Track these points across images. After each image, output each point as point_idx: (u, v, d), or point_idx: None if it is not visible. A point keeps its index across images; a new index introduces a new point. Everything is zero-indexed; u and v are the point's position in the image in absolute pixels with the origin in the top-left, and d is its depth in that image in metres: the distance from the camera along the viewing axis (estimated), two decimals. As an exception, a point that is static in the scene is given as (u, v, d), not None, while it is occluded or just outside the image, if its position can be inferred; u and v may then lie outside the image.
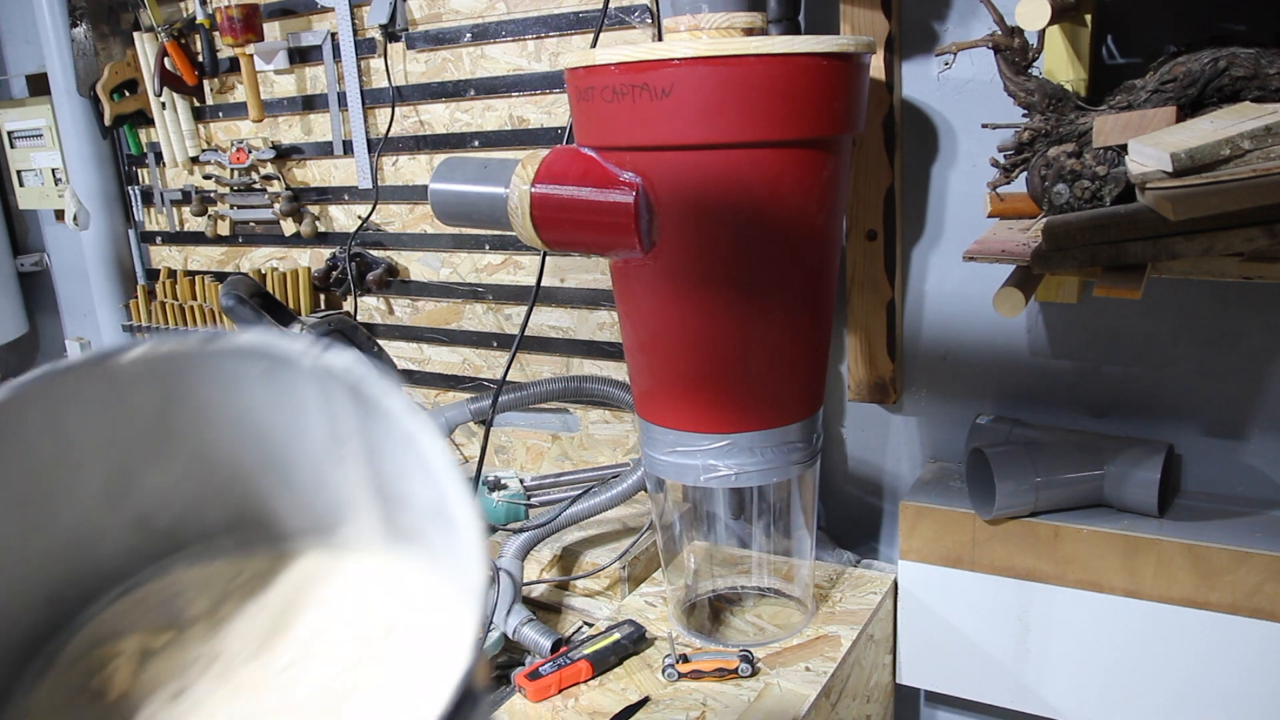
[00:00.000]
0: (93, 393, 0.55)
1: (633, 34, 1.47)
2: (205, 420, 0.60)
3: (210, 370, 0.58)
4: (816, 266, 1.15)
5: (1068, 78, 1.12)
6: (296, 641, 0.56)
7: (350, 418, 0.57)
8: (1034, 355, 1.34)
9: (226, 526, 0.62)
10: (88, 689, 0.54)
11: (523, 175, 1.13)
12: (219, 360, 0.58)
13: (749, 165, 1.05)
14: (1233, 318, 1.21)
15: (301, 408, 0.59)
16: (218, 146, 2.05)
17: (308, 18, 1.83)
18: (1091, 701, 1.27)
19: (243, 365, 0.59)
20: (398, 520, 0.58)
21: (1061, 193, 0.99)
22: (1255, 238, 0.86)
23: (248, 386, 0.59)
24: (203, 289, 2.16)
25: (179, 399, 0.59)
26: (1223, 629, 1.15)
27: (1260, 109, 0.91)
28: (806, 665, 1.24)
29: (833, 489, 1.55)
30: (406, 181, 1.81)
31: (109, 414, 0.57)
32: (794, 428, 1.19)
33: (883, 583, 1.41)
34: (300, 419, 0.59)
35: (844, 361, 1.46)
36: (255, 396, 0.59)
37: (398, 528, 0.58)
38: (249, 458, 0.61)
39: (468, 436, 1.89)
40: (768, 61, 1.00)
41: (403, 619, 0.56)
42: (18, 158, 2.36)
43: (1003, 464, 1.23)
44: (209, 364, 0.58)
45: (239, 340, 0.58)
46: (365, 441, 0.58)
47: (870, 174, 1.34)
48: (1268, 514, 1.20)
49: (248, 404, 0.59)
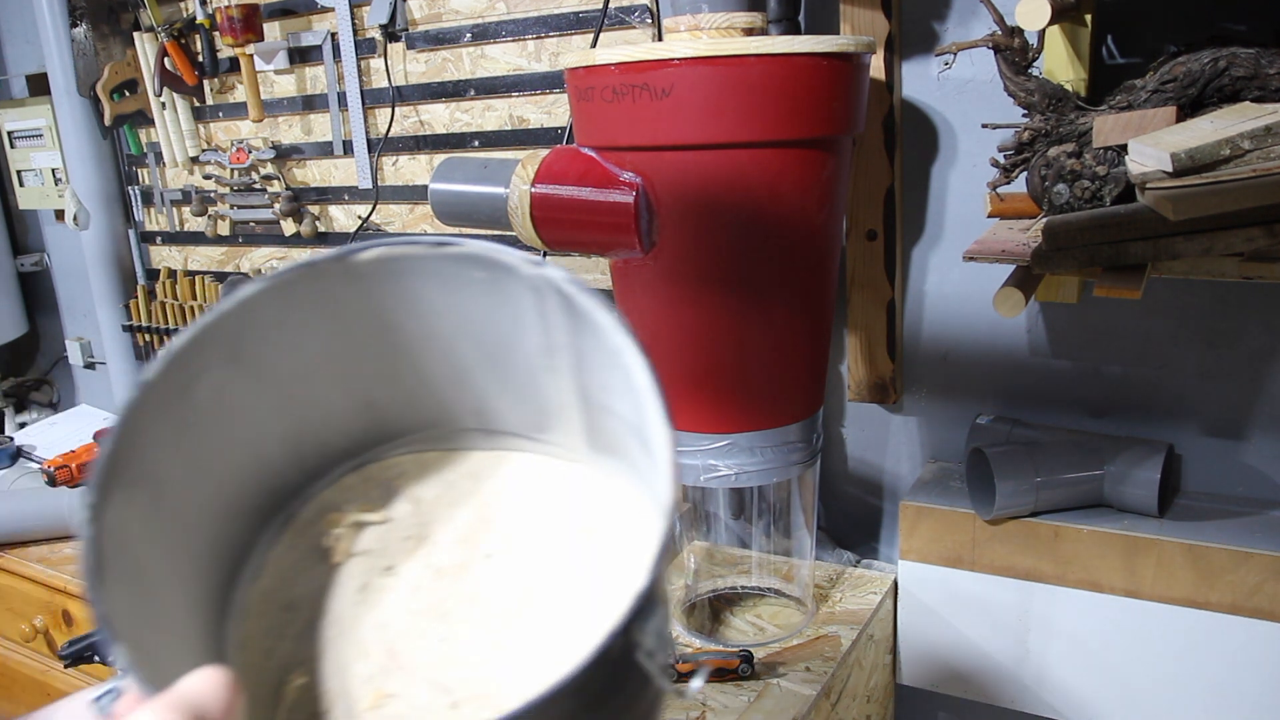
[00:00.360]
0: (335, 286, 0.60)
1: (633, 34, 1.47)
2: (430, 318, 0.63)
3: (437, 272, 0.61)
4: (816, 266, 1.15)
5: (1068, 78, 1.12)
6: (499, 533, 0.59)
7: (562, 328, 0.60)
8: (1034, 355, 1.34)
9: (443, 419, 0.65)
10: (318, 549, 0.59)
11: (523, 175, 1.13)
12: (446, 263, 0.61)
13: (749, 165, 1.05)
14: (1233, 318, 1.21)
15: (519, 315, 0.61)
16: (218, 146, 2.05)
17: (308, 18, 1.83)
18: (1091, 701, 1.27)
19: (467, 269, 0.61)
20: (600, 431, 0.61)
21: (1061, 193, 0.99)
22: (1255, 238, 0.86)
23: (471, 290, 0.61)
24: (203, 289, 2.16)
25: (407, 296, 0.62)
26: (1223, 629, 1.15)
27: (1260, 109, 0.91)
28: (806, 665, 1.24)
29: (833, 489, 1.55)
30: (406, 181, 1.81)
31: (351, 305, 0.61)
32: (794, 428, 1.19)
33: (883, 583, 1.41)
34: (517, 325, 0.62)
35: (844, 361, 1.46)
36: (477, 300, 0.62)
37: (600, 438, 0.61)
38: (468, 357, 0.64)
39: (468, 436, 1.89)
40: (768, 61, 1.00)
41: (600, 523, 0.59)
42: (18, 158, 2.36)
43: (1003, 464, 1.23)
44: (436, 266, 0.61)
45: (466, 245, 0.60)
46: (575, 353, 0.60)
47: (870, 174, 1.34)
48: (1268, 514, 1.20)
49: (470, 306, 0.62)
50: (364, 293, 0.61)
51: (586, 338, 0.59)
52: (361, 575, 0.58)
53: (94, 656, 1.36)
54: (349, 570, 0.58)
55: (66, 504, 1.69)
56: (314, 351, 0.62)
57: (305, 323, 0.60)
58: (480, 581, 0.57)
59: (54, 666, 1.78)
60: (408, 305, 0.63)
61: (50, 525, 1.71)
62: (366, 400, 0.65)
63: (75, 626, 1.64)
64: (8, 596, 1.75)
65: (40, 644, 1.75)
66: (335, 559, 0.58)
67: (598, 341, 0.57)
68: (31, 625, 1.71)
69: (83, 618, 1.63)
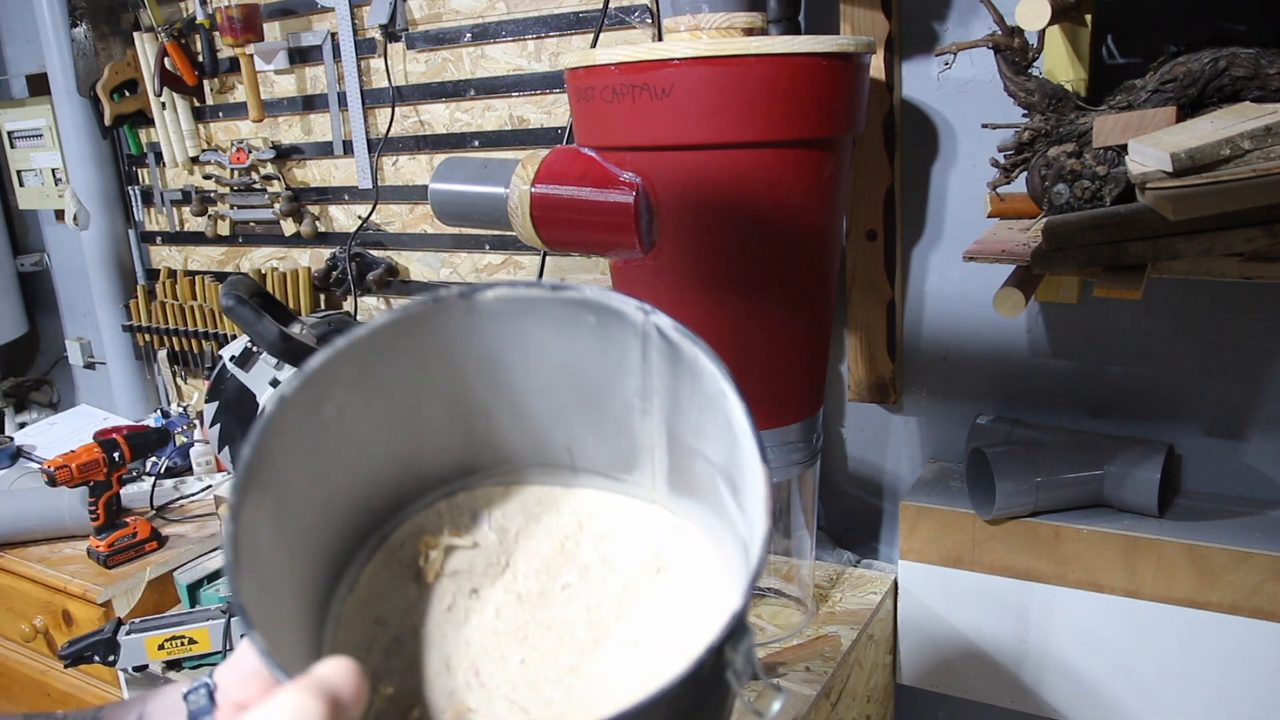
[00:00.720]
0: (458, 321, 0.65)
1: (633, 34, 1.47)
2: (537, 357, 0.68)
3: (552, 314, 0.65)
4: (816, 266, 1.15)
5: (1068, 78, 1.12)
6: (577, 565, 0.63)
7: (662, 373, 0.64)
8: (1034, 355, 1.34)
9: (534, 454, 0.70)
10: (409, 569, 0.63)
11: (523, 175, 1.13)
12: (562, 307, 0.65)
13: (749, 165, 1.05)
14: (1233, 318, 1.21)
15: (623, 359, 0.66)
16: (218, 146, 2.05)
17: (308, 18, 1.83)
18: (1091, 701, 1.27)
19: (581, 314, 0.65)
20: (683, 473, 0.65)
21: (1061, 193, 0.99)
22: (1255, 238, 0.86)
23: (580, 332, 0.66)
24: (203, 289, 2.16)
25: (520, 335, 0.67)
26: (1223, 629, 1.15)
27: (1260, 109, 0.91)
28: (806, 665, 1.24)
29: (833, 489, 1.55)
30: (406, 181, 1.81)
31: (466, 340, 0.66)
32: (794, 428, 1.19)
33: (883, 583, 1.41)
34: (620, 369, 0.66)
35: (844, 361, 1.46)
36: (584, 342, 0.66)
37: (681, 480, 0.65)
38: (566, 396, 0.69)
39: (468, 436, 1.89)
40: (768, 61, 1.00)
41: (673, 562, 0.63)
42: (18, 158, 2.36)
43: (1003, 464, 1.23)
44: (553, 309, 0.66)
45: (582, 291, 0.64)
46: (671, 397, 0.65)
47: (870, 174, 1.34)
48: (1268, 514, 1.20)
49: (576, 348, 0.67)
50: (481, 329, 0.66)
51: (684, 382, 0.63)
52: (449, 596, 0.62)
53: (93, 657, 1.36)
54: (438, 590, 0.62)
55: (66, 504, 1.69)
56: (427, 382, 0.66)
57: (423, 354, 0.65)
58: (558, 610, 0.61)
59: (54, 666, 1.78)
60: (519, 344, 0.67)
61: (50, 525, 1.71)
62: (468, 431, 0.69)
63: (75, 626, 1.64)
64: (8, 596, 1.75)
65: (40, 644, 1.75)
66: (426, 579, 0.62)
67: (696, 386, 0.61)
68: (31, 625, 1.71)
69: (82, 618, 1.63)
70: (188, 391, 2.27)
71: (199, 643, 1.36)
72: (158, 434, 1.73)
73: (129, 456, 1.65)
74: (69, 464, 1.59)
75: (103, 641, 1.35)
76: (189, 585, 1.51)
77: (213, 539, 1.69)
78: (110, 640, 1.35)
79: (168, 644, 1.36)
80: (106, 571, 1.60)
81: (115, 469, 1.63)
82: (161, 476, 1.92)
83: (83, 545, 1.69)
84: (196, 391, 2.21)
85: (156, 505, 1.82)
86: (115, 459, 1.63)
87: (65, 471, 1.59)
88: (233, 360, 1.36)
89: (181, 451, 1.98)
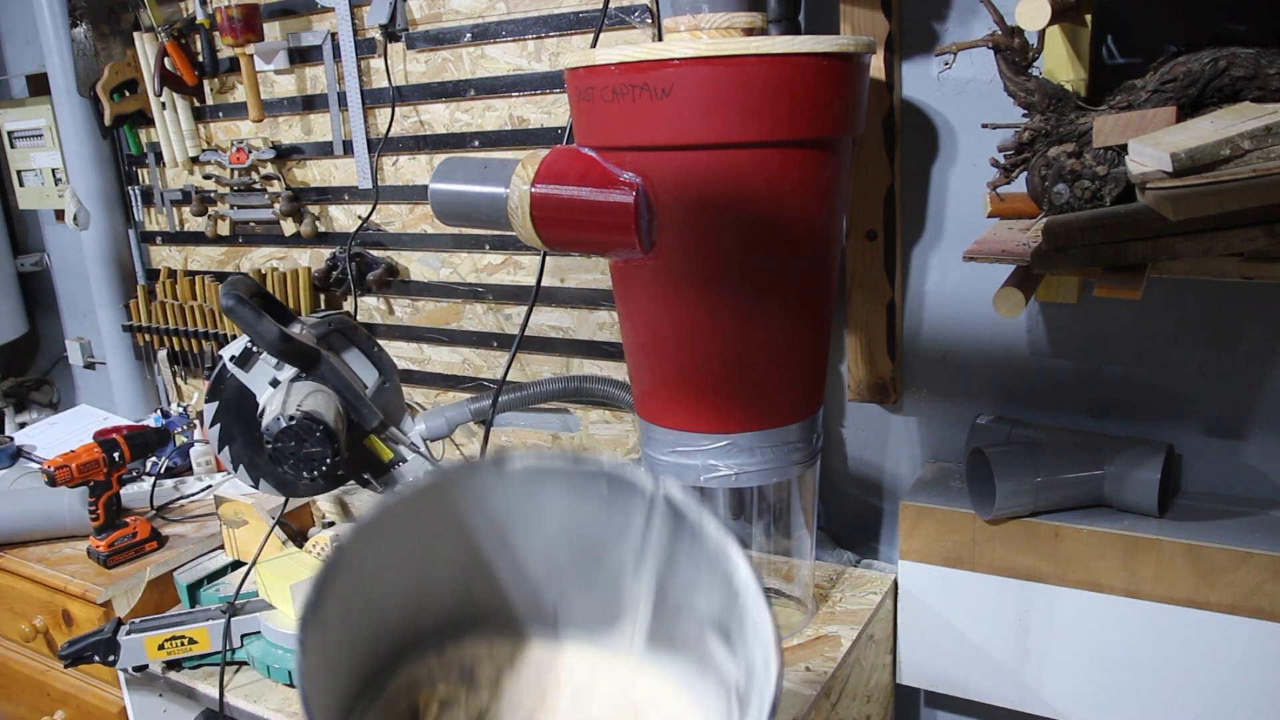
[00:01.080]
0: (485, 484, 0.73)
1: (633, 34, 1.47)
2: (546, 520, 0.75)
3: (570, 483, 0.73)
4: (816, 266, 1.15)
5: (1068, 78, 1.12)
6: (557, 716, 0.70)
7: (662, 536, 0.71)
8: (1034, 355, 1.34)
9: (522, 609, 0.76)
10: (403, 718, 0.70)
11: (523, 175, 1.13)
12: (580, 478, 0.73)
13: (749, 165, 1.05)
14: (1233, 318, 1.21)
15: (625, 524, 0.73)
16: (218, 146, 2.05)
17: (308, 18, 1.83)
18: (1091, 701, 1.27)
19: (597, 484, 0.74)
20: (667, 627, 0.71)
21: (1061, 193, 0.99)
22: (1255, 238, 0.86)
23: (591, 499, 0.73)
24: (203, 289, 2.16)
25: (535, 500, 0.74)
26: (1223, 629, 1.15)
27: (1260, 109, 0.91)
28: (806, 665, 1.24)
29: (833, 489, 1.55)
30: (406, 181, 1.81)
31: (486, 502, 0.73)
32: (794, 428, 1.19)
33: (883, 583, 1.41)
34: (621, 533, 0.73)
35: (844, 361, 1.46)
36: (594, 509, 0.74)
37: (663, 633, 0.71)
38: (563, 557, 0.75)
39: (468, 436, 1.89)
40: (768, 61, 1.00)
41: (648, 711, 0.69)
42: (18, 158, 2.36)
43: (1003, 464, 1.23)
44: (571, 479, 0.73)
45: (601, 465, 0.73)
46: (666, 557, 0.71)
47: (870, 174, 1.34)
48: (1268, 514, 1.20)
49: (583, 514, 0.74)
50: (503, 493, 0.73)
51: (683, 543, 0.70)
52: None
53: (93, 656, 1.36)
54: None
55: (66, 504, 1.69)
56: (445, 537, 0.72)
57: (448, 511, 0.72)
58: None
59: (54, 666, 1.78)
60: (532, 508, 0.74)
61: (50, 525, 1.71)
62: (467, 587, 0.75)
63: (75, 626, 1.64)
64: (8, 596, 1.75)
65: (40, 644, 1.75)
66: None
67: (695, 546, 0.69)
68: (31, 625, 1.71)
69: (82, 618, 1.63)
70: (188, 391, 2.27)
71: (199, 643, 1.36)
72: (158, 434, 1.73)
73: (129, 456, 1.65)
74: (69, 464, 1.59)
75: (103, 641, 1.35)
76: (189, 585, 1.51)
77: (213, 539, 1.69)
78: (110, 640, 1.35)
79: (168, 644, 1.36)
80: (106, 571, 1.60)
81: (115, 469, 1.63)
82: (161, 476, 1.92)
83: (83, 545, 1.69)
84: (196, 391, 2.21)
85: (156, 505, 1.82)
86: (115, 459, 1.63)
87: (65, 471, 1.59)
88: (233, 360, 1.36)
89: (181, 451, 1.99)
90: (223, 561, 1.58)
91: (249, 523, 1.55)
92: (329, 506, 1.75)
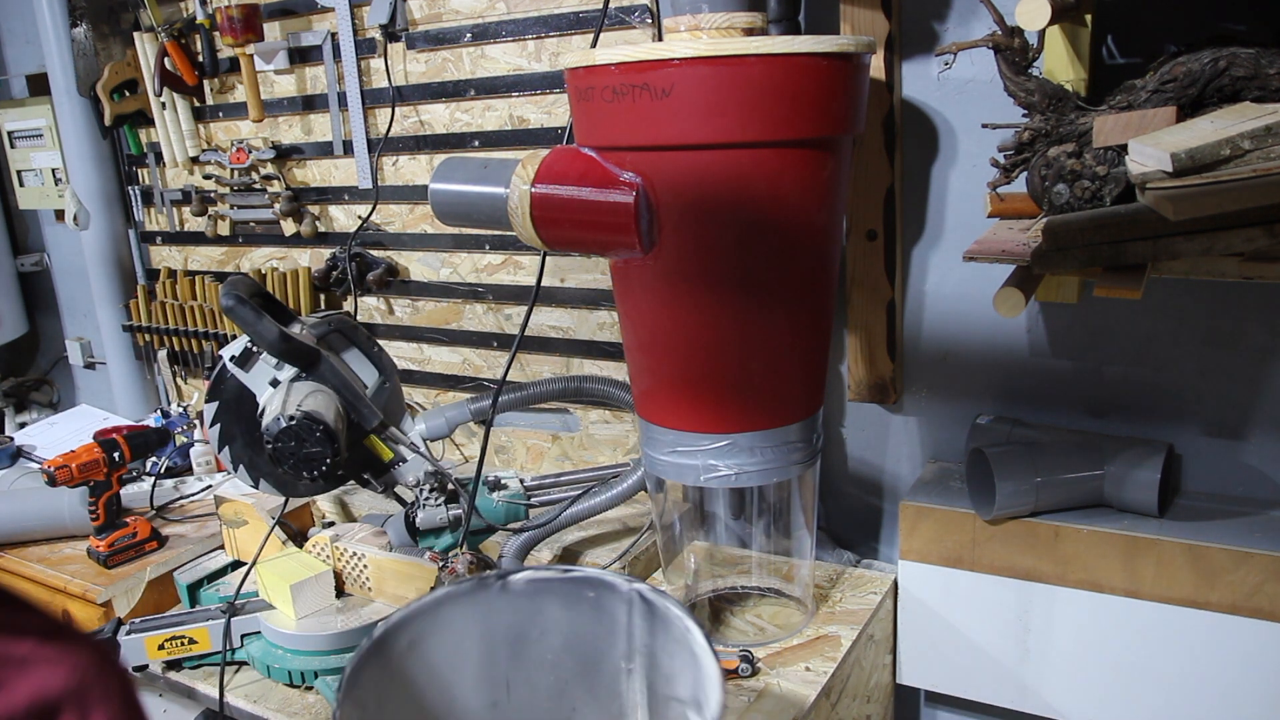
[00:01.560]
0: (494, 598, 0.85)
1: (633, 34, 1.47)
2: (550, 631, 0.86)
3: (562, 592, 0.85)
4: (816, 266, 1.15)
5: (1068, 78, 1.12)
6: None
7: (641, 629, 0.83)
8: (1034, 355, 1.34)
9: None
10: None
11: (523, 175, 1.13)
12: (570, 585, 0.86)
13: (749, 165, 1.05)
14: (1233, 318, 1.21)
15: (613, 626, 0.85)
16: (218, 146, 2.05)
17: (308, 18, 1.83)
18: (1091, 701, 1.27)
19: (583, 589, 0.86)
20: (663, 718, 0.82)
21: (1061, 193, 0.99)
22: (1255, 238, 0.86)
23: (582, 607, 0.85)
24: (203, 289, 2.16)
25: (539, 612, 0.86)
26: (1223, 629, 1.15)
27: (1260, 109, 0.91)
28: (806, 665, 1.24)
29: (833, 489, 1.55)
30: (406, 181, 1.81)
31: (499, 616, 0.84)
32: (794, 428, 1.19)
33: (883, 583, 1.41)
34: (610, 635, 0.85)
35: (844, 361, 1.46)
36: (585, 615, 0.86)
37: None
38: (569, 667, 0.86)
39: (468, 436, 1.89)
40: (768, 61, 1.00)
41: None
42: (18, 158, 2.36)
43: (1003, 464, 1.23)
44: (563, 587, 0.86)
45: (586, 571, 0.86)
46: (648, 653, 0.83)
47: (870, 174, 1.34)
48: (1268, 514, 1.20)
49: (579, 622, 0.86)
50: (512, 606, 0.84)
51: (659, 634, 0.81)
52: None
53: (94, 656, 1.36)
54: None
55: (66, 504, 1.69)
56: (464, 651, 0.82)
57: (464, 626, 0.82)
58: None
59: (54, 666, 1.78)
60: (537, 621, 0.86)
61: (50, 525, 1.71)
62: (493, 701, 0.84)
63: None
64: (8, 596, 1.75)
65: (40, 644, 1.74)
66: None
67: (667, 633, 0.80)
68: (31, 625, 1.70)
69: (82, 618, 1.63)
70: (188, 391, 2.27)
71: (199, 643, 1.36)
72: (158, 434, 1.73)
73: (129, 456, 1.65)
74: (69, 464, 1.59)
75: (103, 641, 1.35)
76: (189, 585, 1.51)
77: (213, 539, 1.69)
78: (110, 640, 1.35)
79: (168, 644, 1.36)
80: (106, 571, 1.60)
81: (115, 469, 1.63)
82: (161, 476, 1.92)
83: (83, 545, 1.68)
84: (196, 391, 2.21)
85: (156, 505, 1.82)
86: (115, 459, 1.63)
87: (65, 471, 1.59)
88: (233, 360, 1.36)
89: (181, 451, 1.98)
90: (223, 561, 1.58)
91: (249, 523, 1.55)
92: (329, 506, 1.75)
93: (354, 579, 1.41)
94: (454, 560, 1.28)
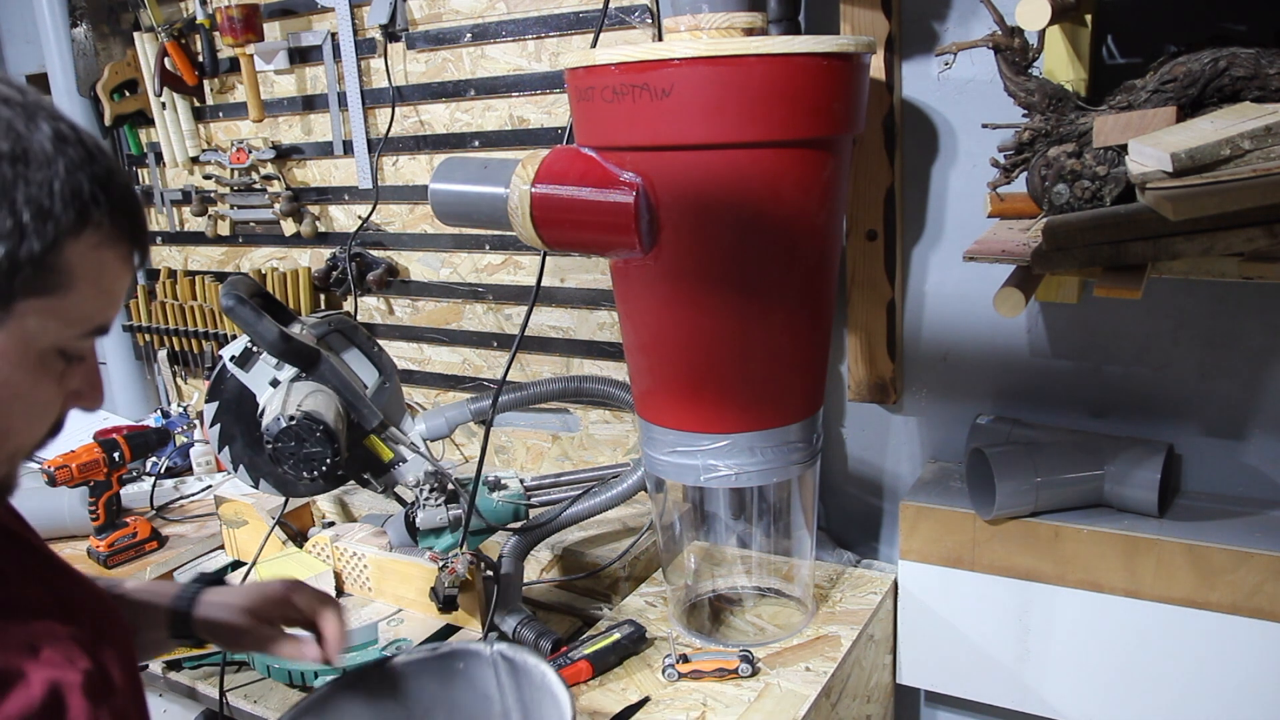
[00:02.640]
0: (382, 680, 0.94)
1: (633, 34, 1.47)
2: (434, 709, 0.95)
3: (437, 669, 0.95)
4: (816, 267, 1.15)
5: (1068, 78, 1.12)
6: None
7: (509, 685, 0.93)
8: (1034, 355, 1.34)
9: None
10: None
11: (523, 175, 1.13)
12: (440, 661, 0.95)
13: (749, 165, 1.05)
14: (1233, 318, 1.21)
15: (486, 690, 0.94)
16: (218, 146, 2.05)
17: (308, 18, 1.83)
18: (1091, 701, 1.27)
19: (453, 663, 0.95)
20: None
21: (1062, 193, 0.99)
22: (1255, 238, 0.86)
23: (456, 681, 0.95)
24: (203, 289, 2.16)
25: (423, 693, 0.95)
26: (1223, 629, 1.15)
27: (1260, 109, 0.91)
28: (806, 665, 1.24)
29: (833, 489, 1.54)
30: (406, 181, 1.81)
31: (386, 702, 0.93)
32: (794, 428, 1.19)
33: (883, 583, 1.41)
34: (485, 699, 0.94)
35: (844, 361, 1.46)
36: (460, 688, 0.95)
37: None
38: None
39: (468, 436, 1.89)
40: (768, 61, 1.00)
41: None
42: (18, 158, 2.35)
43: (1003, 464, 1.23)
44: (436, 664, 0.95)
45: (452, 645, 0.97)
46: (521, 704, 0.92)
47: (870, 174, 1.34)
48: (1268, 514, 1.20)
49: (458, 696, 0.95)
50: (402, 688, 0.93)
51: (524, 686, 0.92)
52: None
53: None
54: None
55: (67, 504, 1.69)
56: None
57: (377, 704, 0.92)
58: None
59: (54, 666, 1.78)
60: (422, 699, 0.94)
61: (50, 525, 1.71)
62: None
63: (75, 626, 1.64)
64: (8, 596, 1.75)
65: (40, 644, 1.74)
66: None
67: (531, 684, 0.91)
68: (31, 625, 1.70)
69: (83, 618, 1.63)
70: (188, 391, 2.27)
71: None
72: (158, 434, 1.73)
73: (129, 456, 1.65)
74: (69, 464, 1.59)
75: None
76: (189, 585, 1.51)
77: (213, 539, 1.69)
78: (110, 640, 1.35)
79: (168, 644, 1.36)
80: (107, 571, 1.60)
81: (115, 469, 1.63)
82: (161, 476, 1.92)
83: (83, 545, 1.68)
84: (196, 391, 2.21)
85: (156, 505, 1.82)
86: (115, 459, 1.63)
87: (65, 471, 1.59)
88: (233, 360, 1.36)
89: (181, 451, 1.98)
90: (223, 561, 1.58)
91: (249, 523, 1.55)
92: (329, 506, 1.75)
93: (354, 579, 1.41)
94: (454, 560, 1.28)
